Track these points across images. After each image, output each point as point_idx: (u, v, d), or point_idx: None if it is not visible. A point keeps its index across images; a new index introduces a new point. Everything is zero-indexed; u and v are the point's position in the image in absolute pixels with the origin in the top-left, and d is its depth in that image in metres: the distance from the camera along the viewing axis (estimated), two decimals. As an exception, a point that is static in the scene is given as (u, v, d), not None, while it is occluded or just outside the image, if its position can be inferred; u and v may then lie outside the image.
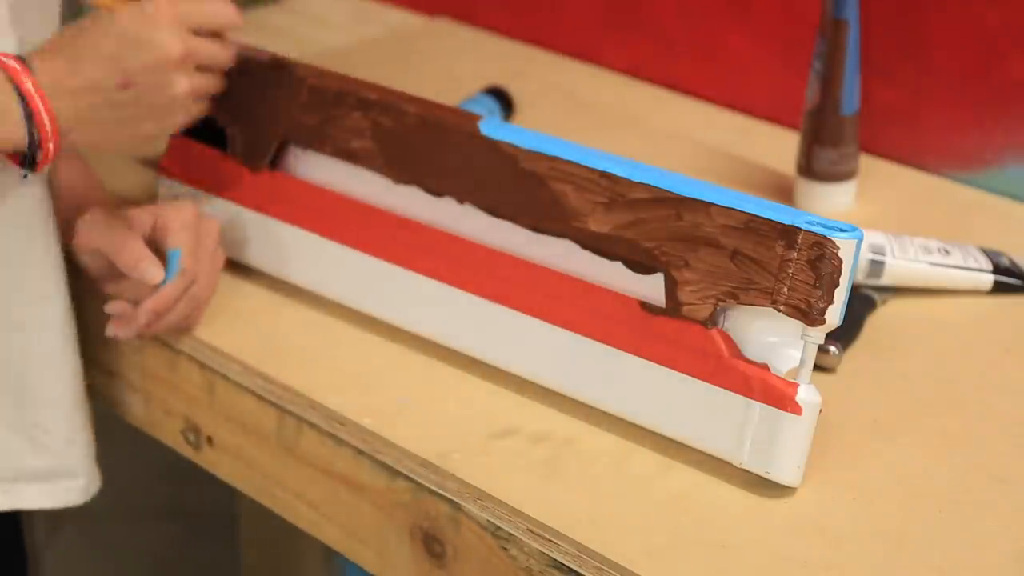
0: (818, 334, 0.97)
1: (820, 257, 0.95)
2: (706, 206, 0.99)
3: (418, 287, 1.12)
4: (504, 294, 1.08)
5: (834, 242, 0.95)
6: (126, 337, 1.14)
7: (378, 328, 1.15)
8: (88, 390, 1.24)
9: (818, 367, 1.05)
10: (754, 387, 0.98)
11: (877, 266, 1.20)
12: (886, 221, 1.28)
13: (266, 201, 1.19)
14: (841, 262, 0.95)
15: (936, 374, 1.12)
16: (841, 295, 0.96)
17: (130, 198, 1.28)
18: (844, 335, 1.12)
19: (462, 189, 1.10)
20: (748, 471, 0.99)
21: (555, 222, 1.05)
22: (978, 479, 1.01)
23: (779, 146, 1.41)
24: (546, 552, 0.96)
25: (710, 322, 1.00)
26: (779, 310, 0.97)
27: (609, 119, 1.51)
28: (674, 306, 1.01)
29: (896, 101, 1.40)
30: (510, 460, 1.02)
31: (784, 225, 0.97)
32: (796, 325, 0.97)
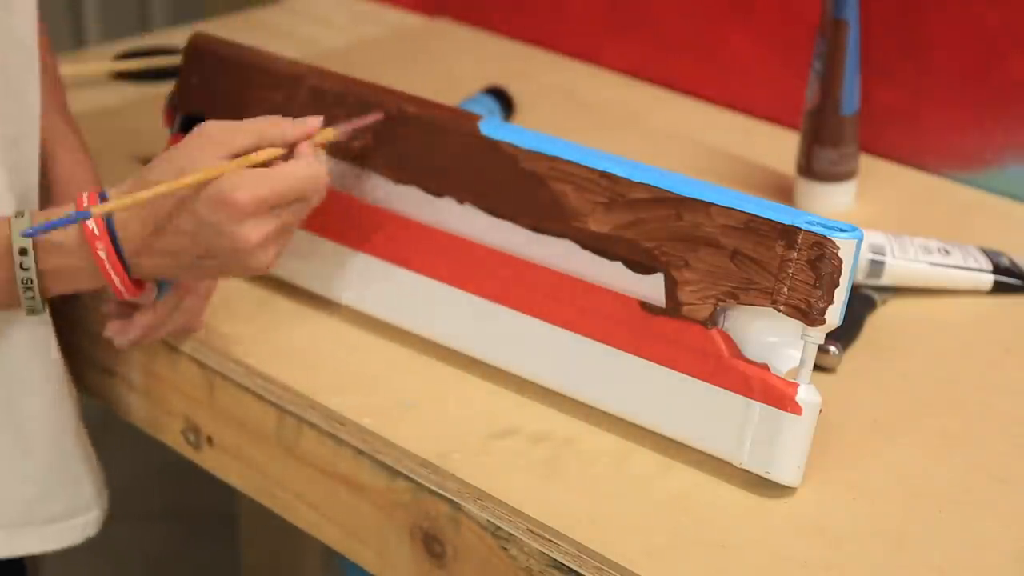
0: (818, 334, 0.97)
1: (820, 257, 0.95)
2: (706, 206, 0.99)
3: (418, 287, 1.12)
4: (504, 294, 1.08)
5: (834, 242, 0.95)
6: (121, 346, 1.14)
7: (378, 328, 1.15)
8: (88, 390, 1.24)
9: (818, 367, 1.05)
10: (754, 387, 0.98)
11: (877, 266, 1.20)
12: (886, 221, 1.28)
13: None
14: (841, 262, 0.95)
15: (936, 374, 1.12)
16: (841, 295, 0.96)
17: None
18: (844, 335, 1.12)
19: (462, 189, 1.10)
20: (748, 471, 0.99)
21: (555, 222, 1.05)
22: (978, 479, 1.01)
23: (779, 146, 1.41)
24: (546, 552, 0.96)
25: (710, 322, 1.00)
26: (779, 310, 0.97)
27: (609, 119, 1.51)
28: (674, 306, 1.01)
29: (896, 101, 1.40)
30: (510, 460, 1.02)
31: (784, 225, 0.97)
32: (796, 325, 0.97)
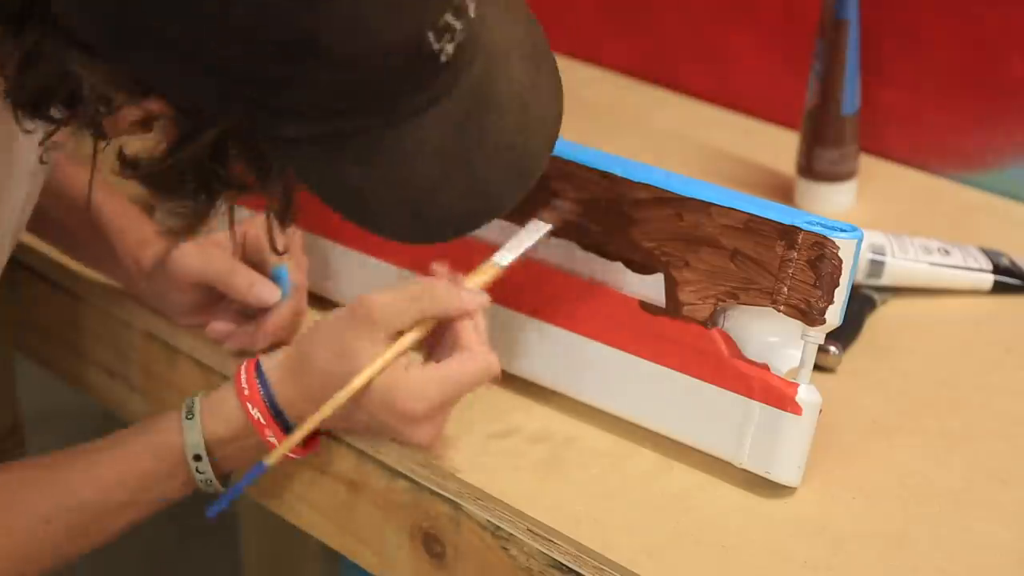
0: (818, 334, 0.97)
1: (820, 257, 0.95)
2: (706, 206, 0.99)
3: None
4: (504, 294, 1.08)
5: (834, 242, 0.95)
6: (234, 348, 1.14)
7: (378, 328, 1.15)
8: (89, 390, 1.24)
9: (818, 367, 1.05)
10: (754, 387, 0.98)
11: (877, 266, 1.20)
12: (886, 221, 1.28)
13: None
14: (841, 262, 0.95)
15: (936, 374, 1.12)
16: (841, 295, 0.96)
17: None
18: (844, 335, 1.12)
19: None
20: (748, 471, 0.99)
21: (554, 222, 1.05)
22: (978, 479, 1.01)
23: (779, 146, 1.41)
24: (546, 552, 0.96)
25: (710, 322, 1.00)
26: (779, 310, 0.97)
27: (609, 119, 1.51)
28: (674, 306, 1.01)
29: (896, 101, 1.40)
30: (510, 460, 1.02)
31: (784, 225, 0.97)
32: (796, 325, 0.97)
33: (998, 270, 1.22)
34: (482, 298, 0.99)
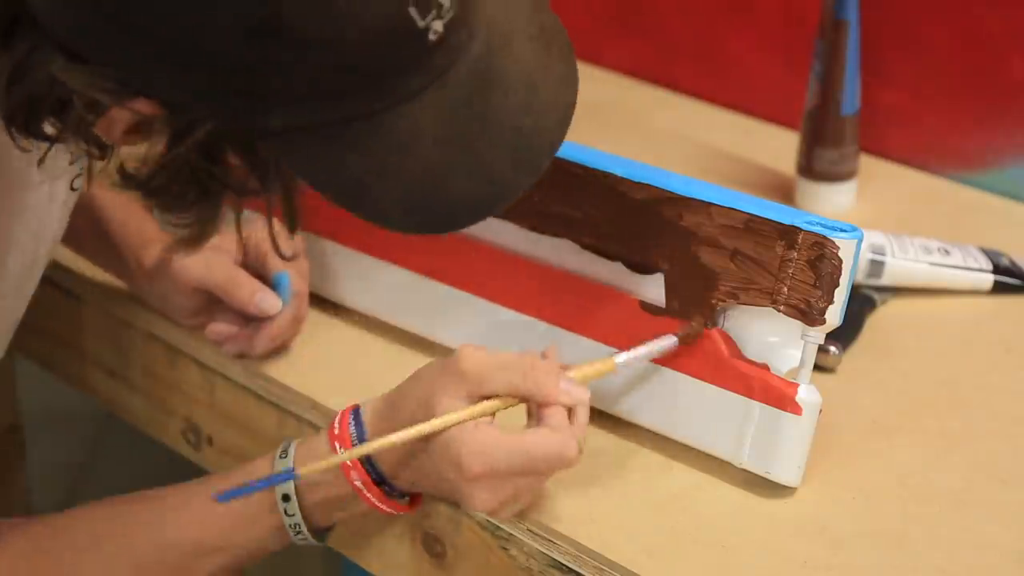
0: (818, 334, 0.97)
1: (820, 257, 0.95)
2: (706, 206, 0.99)
3: (417, 287, 1.12)
4: (504, 294, 1.08)
5: (834, 242, 0.95)
6: (232, 352, 1.14)
7: (378, 328, 1.15)
8: (89, 390, 1.24)
9: (818, 367, 1.05)
10: (754, 387, 0.98)
11: (877, 266, 1.20)
12: (886, 221, 1.28)
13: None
14: (841, 262, 0.95)
15: (936, 374, 1.12)
16: (841, 295, 0.96)
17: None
18: (844, 335, 1.12)
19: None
20: (748, 471, 0.99)
21: (555, 222, 1.05)
22: (978, 479, 1.01)
23: (779, 146, 1.41)
24: (546, 552, 0.96)
25: (710, 322, 1.00)
26: (779, 310, 0.97)
27: (609, 119, 1.51)
28: (674, 306, 1.01)
29: (896, 101, 1.40)
30: (510, 460, 1.02)
31: (784, 225, 0.97)
32: (796, 325, 0.97)
33: (998, 270, 1.22)
34: (580, 395, 0.94)
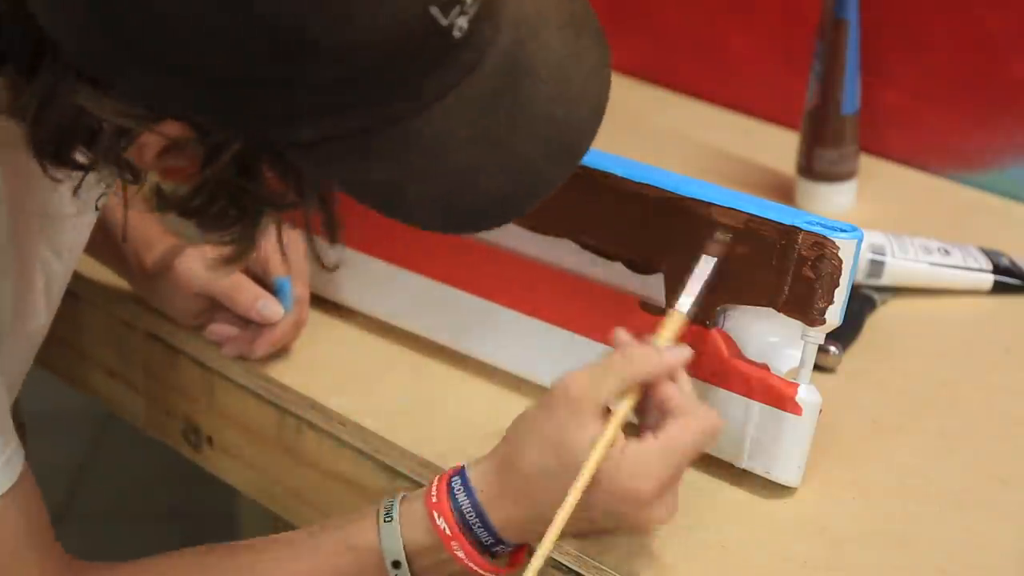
0: (818, 334, 0.97)
1: (820, 257, 0.95)
2: (706, 206, 0.99)
3: (418, 288, 1.12)
4: (504, 294, 1.08)
5: (834, 242, 0.95)
6: (231, 355, 1.13)
7: (378, 328, 1.15)
8: (89, 390, 1.24)
9: (818, 367, 1.05)
10: (754, 387, 0.98)
11: (877, 266, 1.20)
12: (886, 221, 1.28)
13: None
14: (841, 262, 0.95)
15: (936, 374, 1.12)
16: (841, 295, 0.96)
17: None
18: (844, 335, 1.12)
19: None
20: (748, 471, 0.99)
21: (555, 222, 1.05)
22: (978, 479, 1.01)
23: (779, 146, 1.41)
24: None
25: (710, 322, 1.00)
26: (779, 310, 0.97)
27: (609, 119, 1.50)
28: (674, 306, 1.01)
29: (896, 101, 1.40)
30: (510, 460, 1.02)
31: (784, 225, 0.97)
32: (796, 325, 0.97)
33: (998, 270, 1.22)
34: (684, 352, 0.93)
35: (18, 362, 0.99)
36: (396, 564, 0.92)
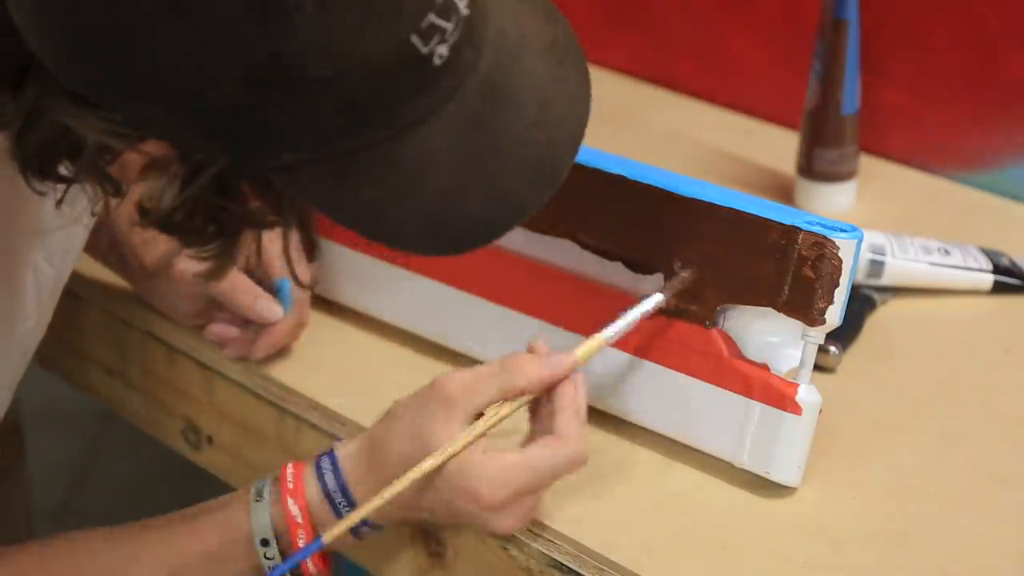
0: (818, 334, 0.97)
1: (820, 257, 0.95)
2: (706, 206, 0.99)
3: (417, 287, 1.12)
4: (504, 294, 1.08)
5: (834, 242, 0.95)
6: (231, 356, 1.14)
7: (378, 328, 1.15)
8: (89, 390, 1.24)
9: (818, 367, 1.05)
10: (754, 387, 0.98)
11: (877, 266, 1.20)
12: (886, 221, 1.28)
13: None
14: (841, 262, 0.95)
15: (936, 374, 1.12)
16: (841, 295, 0.96)
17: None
18: (844, 335, 1.12)
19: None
20: (748, 471, 0.99)
21: (554, 222, 1.05)
22: (978, 479, 1.01)
23: (779, 146, 1.41)
24: (546, 552, 0.96)
25: (710, 322, 1.00)
26: (779, 310, 0.97)
27: (609, 119, 1.51)
28: (674, 306, 1.01)
29: (896, 101, 1.40)
30: (510, 460, 1.02)
31: (784, 225, 0.97)
32: (796, 325, 0.97)
33: (998, 270, 1.22)
34: (567, 361, 0.94)
35: (9, 367, 0.99)
36: (264, 542, 0.94)
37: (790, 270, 0.96)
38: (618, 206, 1.02)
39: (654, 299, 0.99)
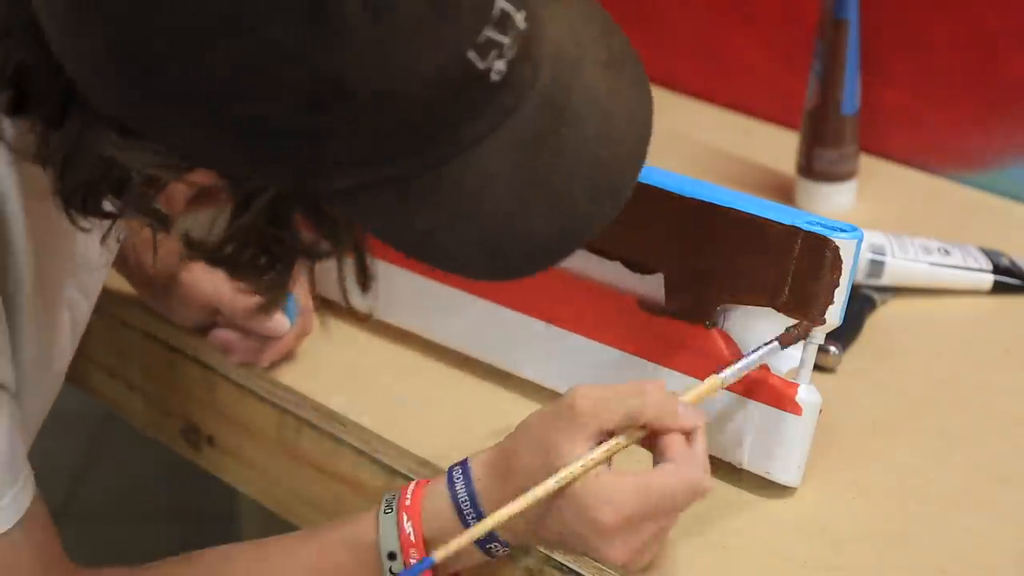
0: (818, 334, 0.97)
1: (820, 257, 0.95)
2: (707, 206, 0.99)
3: (417, 288, 1.12)
4: (503, 294, 1.08)
5: (834, 242, 0.95)
6: (237, 362, 1.13)
7: (378, 328, 1.15)
8: (89, 390, 1.24)
9: (818, 367, 1.05)
10: (754, 387, 0.98)
11: (877, 266, 1.20)
12: (886, 221, 1.28)
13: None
14: (841, 262, 0.95)
15: (936, 374, 1.12)
16: (841, 295, 0.96)
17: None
18: (844, 335, 1.12)
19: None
20: (748, 471, 0.99)
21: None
22: (978, 479, 1.01)
23: (779, 146, 1.41)
24: (546, 552, 0.96)
25: (710, 322, 1.00)
26: (779, 310, 0.97)
27: (609, 119, 1.51)
28: (674, 306, 1.01)
29: (896, 101, 1.40)
30: (510, 460, 1.02)
31: (784, 225, 0.97)
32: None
33: (998, 270, 1.22)
34: (698, 416, 0.90)
35: (41, 403, 0.98)
36: (391, 556, 0.91)
37: (790, 270, 0.96)
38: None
39: (770, 347, 0.96)
